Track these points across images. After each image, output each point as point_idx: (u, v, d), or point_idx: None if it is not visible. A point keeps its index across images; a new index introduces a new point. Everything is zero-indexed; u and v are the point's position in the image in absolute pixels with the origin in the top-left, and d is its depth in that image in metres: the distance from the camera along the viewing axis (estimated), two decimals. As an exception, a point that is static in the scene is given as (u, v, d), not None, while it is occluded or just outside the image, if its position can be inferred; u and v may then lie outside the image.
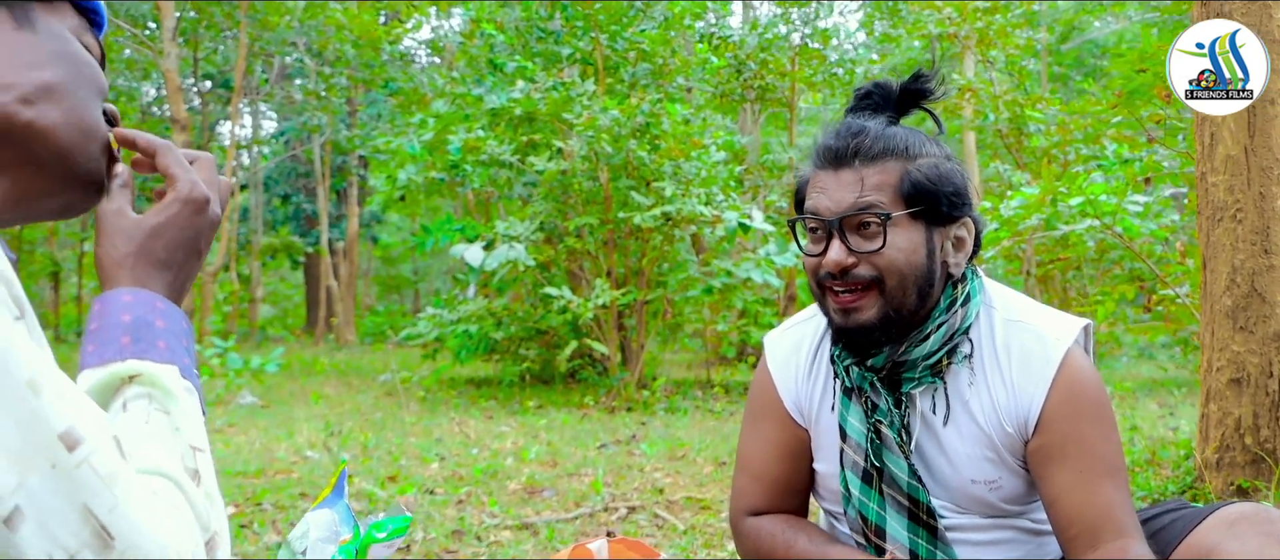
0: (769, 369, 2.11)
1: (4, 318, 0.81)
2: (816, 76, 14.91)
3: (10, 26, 1.04)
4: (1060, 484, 1.83)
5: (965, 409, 1.90)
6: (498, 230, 10.18)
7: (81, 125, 1.06)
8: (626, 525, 4.86)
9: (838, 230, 1.82)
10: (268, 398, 10.59)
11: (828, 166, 1.86)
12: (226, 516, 0.88)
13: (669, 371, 13.04)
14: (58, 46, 1.06)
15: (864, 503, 1.96)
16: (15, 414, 0.79)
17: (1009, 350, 1.89)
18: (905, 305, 1.84)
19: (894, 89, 1.96)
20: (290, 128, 24.27)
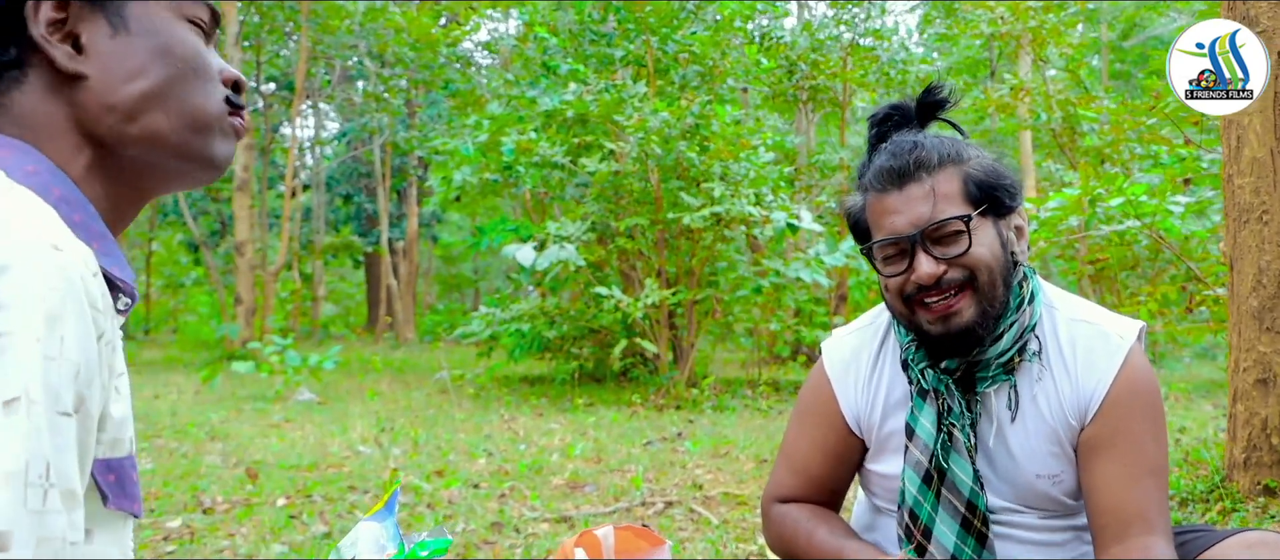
0: (827, 374, 2.15)
1: (40, 406, 0.82)
2: (868, 76, 14.90)
3: (107, 33, 1.06)
4: (1101, 474, 1.88)
5: (1033, 404, 1.95)
6: (549, 231, 10.33)
7: (189, 120, 1.10)
8: (662, 519, 4.97)
9: (921, 243, 1.87)
10: (325, 394, 10.82)
11: (891, 187, 1.90)
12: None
13: (721, 370, 13.13)
14: (154, 43, 1.09)
15: (918, 502, 2.00)
16: None
17: (1074, 345, 1.95)
18: (996, 299, 1.90)
19: (912, 106, 2.02)
20: (351, 128, 24.62)
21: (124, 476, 0.98)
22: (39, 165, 1.00)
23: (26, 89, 1.03)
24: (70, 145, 1.04)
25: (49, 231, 0.88)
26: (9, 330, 0.81)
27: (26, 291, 0.83)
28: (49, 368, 0.82)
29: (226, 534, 4.72)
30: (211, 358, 15.64)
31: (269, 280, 17.46)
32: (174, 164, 1.10)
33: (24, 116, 1.03)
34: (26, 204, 0.91)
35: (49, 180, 0.99)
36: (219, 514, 5.16)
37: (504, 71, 15.78)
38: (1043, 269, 17.43)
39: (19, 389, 0.80)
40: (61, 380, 0.83)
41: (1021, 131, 15.02)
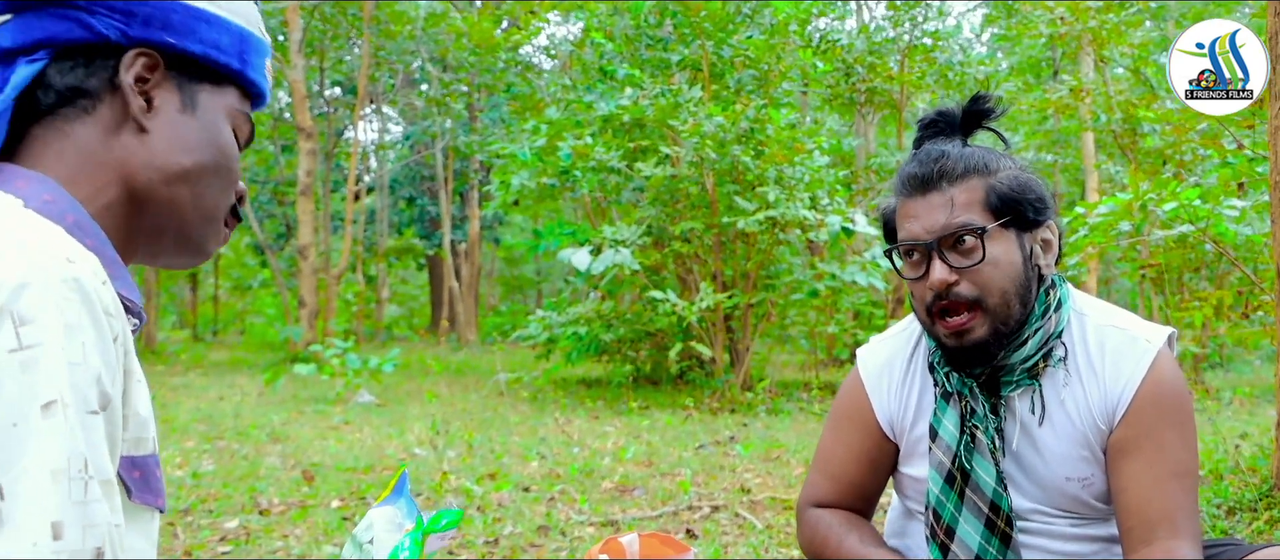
0: (862, 381, 2.18)
1: (73, 407, 0.90)
2: (926, 79, 14.83)
3: (176, 106, 1.18)
4: (1129, 476, 1.90)
5: (1061, 408, 1.97)
6: (605, 235, 10.40)
7: (205, 209, 1.22)
8: (707, 523, 5.01)
9: (936, 250, 1.91)
10: (384, 397, 10.97)
11: (915, 193, 1.94)
12: None
13: (778, 373, 13.13)
14: (209, 135, 1.20)
15: (941, 502, 2.04)
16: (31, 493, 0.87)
17: (1103, 350, 1.97)
18: (1011, 316, 1.93)
19: (957, 114, 2.04)
20: (414, 132, 24.87)
21: (148, 472, 1.06)
22: (55, 194, 1.08)
23: (90, 123, 1.14)
24: (103, 182, 1.13)
25: (62, 247, 0.97)
26: (37, 342, 0.89)
27: (47, 304, 0.91)
28: (74, 372, 0.91)
29: (281, 535, 4.83)
30: (275, 360, 15.89)
31: (332, 283, 17.70)
32: (174, 238, 1.21)
33: (73, 148, 1.13)
34: (39, 226, 1.00)
35: (65, 208, 1.08)
36: (275, 515, 5.28)
37: (562, 76, 15.89)
38: (1104, 272, 17.26)
39: (54, 393, 0.89)
40: (86, 383, 0.92)
41: (1084, 133, 14.86)
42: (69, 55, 1.13)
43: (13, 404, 0.88)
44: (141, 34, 1.14)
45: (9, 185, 1.07)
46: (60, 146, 1.13)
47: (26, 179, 1.09)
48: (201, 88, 1.20)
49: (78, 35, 1.12)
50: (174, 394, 11.04)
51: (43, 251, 0.94)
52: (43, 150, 1.13)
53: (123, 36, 1.13)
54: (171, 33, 1.16)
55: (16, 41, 1.13)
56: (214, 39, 1.19)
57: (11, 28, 1.13)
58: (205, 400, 10.69)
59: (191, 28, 1.17)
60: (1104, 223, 6.01)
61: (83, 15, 1.12)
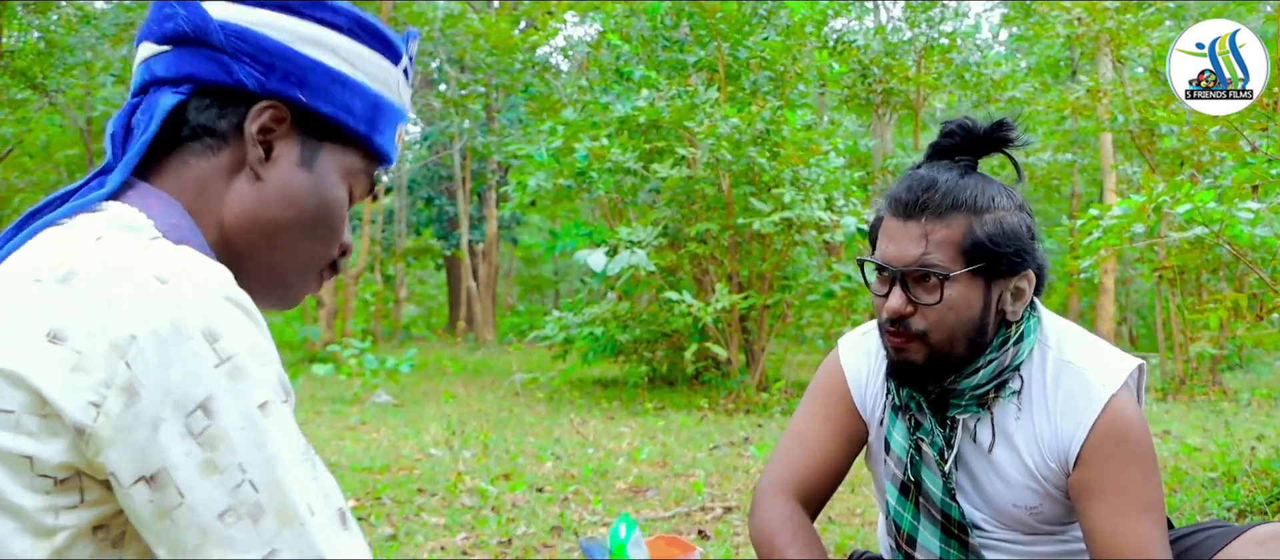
0: (841, 364, 2.23)
1: (277, 402, 1.02)
2: (943, 79, 14.81)
3: (295, 161, 1.23)
4: (1097, 518, 1.92)
5: (1009, 441, 2.00)
6: (620, 236, 10.43)
7: (299, 265, 1.27)
8: (719, 524, 5.04)
9: (900, 280, 1.93)
10: (401, 397, 11.02)
11: (897, 216, 1.94)
12: None
13: (794, 374, 13.13)
14: (318, 192, 1.25)
15: (899, 513, 2.09)
16: (282, 482, 0.99)
17: (1057, 389, 1.98)
18: (953, 354, 1.96)
19: (978, 132, 2.01)
20: (432, 133, 24.93)
21: None
22: (181, 221, 1.16)
23: (212, 161, 1.21)
24: (211, 221, 1.21)
25: (212, 266, 1.05)
26: (231, 353, 0.99)
27: (227, 317, 1.00)
28: (267, 371, 1.02)
29: (297, 535, 4.87)
30: (294, 359, 15.98)
31: (350, 283, 17.78)
32: (262, 287, 1.27)
33: (193, 180, 1.20)
34: (174, 249, 1.07)
35: (187, 236, 1.15)
36: (291, 515, 5.32)
37: (578, 77, 15.92)
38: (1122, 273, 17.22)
39: (263, 395, 1.00)
40: (276, 379, 1.03)
41: (1102, 133, 14.83)
42: (208, 94, 1.20)
43: (237, 410, 0.98)
44: (277, 87, 1.20)
45: (143, 204, 1.15)
46: (184, 177, 1.20)
47: (160, 200, 1.16)
48: (325, 146, 1.26)
49: (219, 77, 1.18)
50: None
51: (201, 269, 1.03)
52: (169, 178, 1.20)
53: (259, 86, 1.19)
54: (305, 90, 1.21)
55: (167, 73, 1.19)
56: (346, 101, 1.24)
57: (165, 59, 1.20)
58: (223, 400, 10.74)
59: (326, 88, 1.22)
60: (1118, 225, 6.00)
61: (227, 59, 1.18)
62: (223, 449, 0.96)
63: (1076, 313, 20.08)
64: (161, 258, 1.03)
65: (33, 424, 0.96)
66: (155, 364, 0.96)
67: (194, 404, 0.96)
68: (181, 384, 0.96)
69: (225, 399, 0.97)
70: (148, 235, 1.11)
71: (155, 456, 0.96)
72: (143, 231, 1.11)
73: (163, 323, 0.97)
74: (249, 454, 0.97)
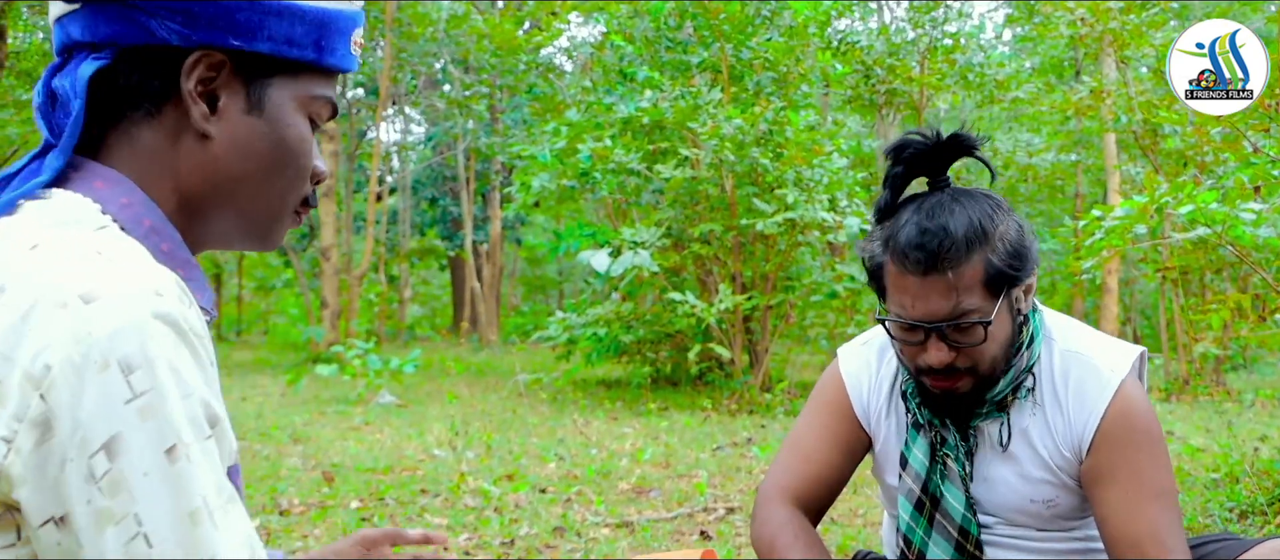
0: (841, 375, 2.21)
1: (193, 441, 0.93)
2: (946, 80, 14.81)
3: (242, 108, 1.13)
4: (1109, 504, 1.93)
5: (1025, 436, 2.02)
6: (624, 237, 10.45)
7: (271, 208, 1.19)
8: (722, 526, 5.05)
9: (937, 332, 1.89)
10: (405, 397, 11.04)
11: (912, 272, 1.87)
12: None
13: (798, 374, 13.14)
14: (275, 135, 1.16)
15: (912, 528, 2.10)
16: (178, 538, 0.91)
17: (1067, 380, 2.00)
18: (996, 374, 1.97)
19: (933, 143, 1.96)
20: (436, 133, 24.97)
21: (233, 482, 1.07)
22: (132, 198, 1.08)
23: (155, 127, 1.11)
24: (166, 188, 1.12)
25: (146, 277, 0.97)
26: (146, 388, 0.91)
27: (149, 346, 0.92)
28: (186, 406, 0.93)
29: (301, 536, 4.89)
30: (298, 360, 16.00)
31: (354, 284, 17.80)
32: (238, 236, 1.21)
33: (141, 152, 1.11)
34: (121, 253, 1.00)
35: (141, 212, 1.08)
36: (295, 516, 5.35)
37: (582, 78, 15.94)
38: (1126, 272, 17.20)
39: (173, 438, 0.91)
40: (196, 412, 0.94)
41: (1106, 133, 14.81)
42: (134, 56, 1.09)
43: (141, 454, 0.90)
44: (204, 37, 1.09)
45: (87, 186, 1.07)
46: (129, 150, 1.11)
47: (105, 180, 1.08)
48: (273, 81, 1.15)
49: (140, 38, 1.08)
50: (197, 394, 11.12)
51: (132, 288, 0.94)
52: (114, 152, 1.11)
53: (185, 41, 1.08)
54: (236, 33, 1.10)
55: (84, 36, 1.09)
56: (285, 33, 1.13)
57: (79, 20, 1.10)
58: (229, 400, 10.77)
59: (259, 24, 1.11)
60: (1120, 226, 6.00)
61: (142, 15, 1.07)
62: (122, 497, 0.89)
63: (1081, 313, 20.06)
64: (94, 269, 0.95)
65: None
66: (67, 397, 0.89)
67: (98, 444, 0.89)
68: (89, 421, 0.89)
69: (132, 439, 0.90)
70: (94, 224, 1.04)
71: (63, 498, 0.90)
72: (87, 222, 1.04)
73: (78, 351, 0.90)
74: (147, 506, 0.90)
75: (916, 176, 1.99)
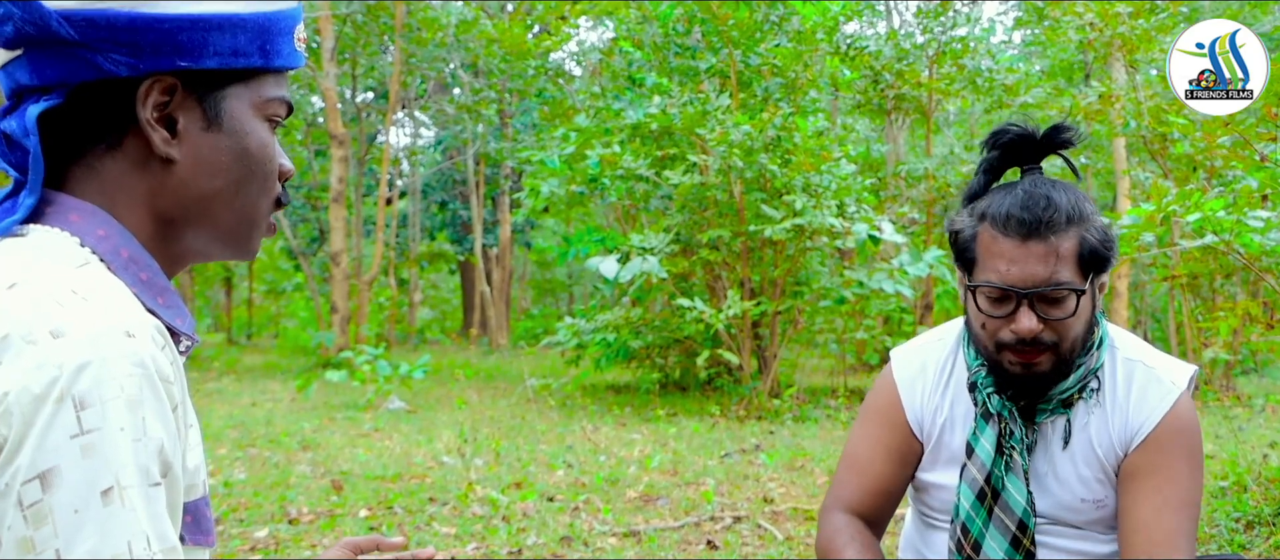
0: (894, 381, 2.24)
1: (135, 486, 0.92)
2: (954, 85, 14.81)
3: (200, 125, 1.14)
4: (1137, 502, 1.99)
5: (1084, 434, 2.06)
6: (633, 243, 10.47)
7: (245, 217, 1.20)
8: (729, 534, 5.07)
9: (1029, 301, 1.93)
10: (415, 403, 11.06)
11: (1014, 236, 1.92)
12: None
13: (808, 378, 13.16)
14: (238, 144, 1.17)
15: (971, 518, 2.11)
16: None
17: (1129, 384, 2.06)
18: (1074, 356, 2.00)
19: (1036, 135, 2.02)
20: (446, 138, 25.00)
21: (199, 515, 1.09)
22: (108, 228, 1.09)
23: (119, 159, 1.12)
24: (140, 216, 1.13)
25: (121, 317, 0.98)
26: (96, 426, 0.91)
27: (108, 385, 0.93)
28: (137, 449, 0.93)
29: (309, 545, 4.92)
30: (308, 365, 16.03)
31: (364, 289, 17.83)
32: (217, 248, 1.22)
33: (108, 184, 1.12)
34: (96, 288, 1.01)
35: (118, 242, 1.09)
36: (304, 524, 5.37)
37: (591, 84, 15.96)
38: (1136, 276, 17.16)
39: (112, 479, 0.90)
40: (149, 457, 0.94)
41: (1116, 138, 14.79)
42: (85, 92, 1.10)
43: (74, 490, 0.89)
44: (152, 64, 1.10)
45: (63, 220, 1.09)
46: (97, 183, 1.12)
47: (80, 213, 1.09)
48: (226, 93, 1.16)
49: (88, 75, 1.09)
50: (208, 400, 11.18)
51: (104, 326, 0.96)
52: (83, 186, 1.12)
53: (132, 70, 1.09)
54: (183, 54, 1.11)
55: (32, 81, 1.10)
56: (230, 45, 1.14)
57: (24, 65, 1.10)
58: (238, 406, 10.82)
59: (204, 42, 1.12)
60: (1127, 234, 6.01)
61: (86, 52, 1.08)
62: (45, 530, 0.89)
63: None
64: (68, 307, 0.97)
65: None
66: (19, 425, 0.90)
67: (35, 473, 0.89)
68: (33, 450, 0.90)
69: (69, 474, 0.90)
70: (75, 261, 1.05)
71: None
72: (68, 259, 1.05)
73: (39, 382, 0.91)
74: (69, 542, 0.89)
75: (1011, 165, 2.06)
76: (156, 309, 1.09)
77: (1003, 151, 2.03)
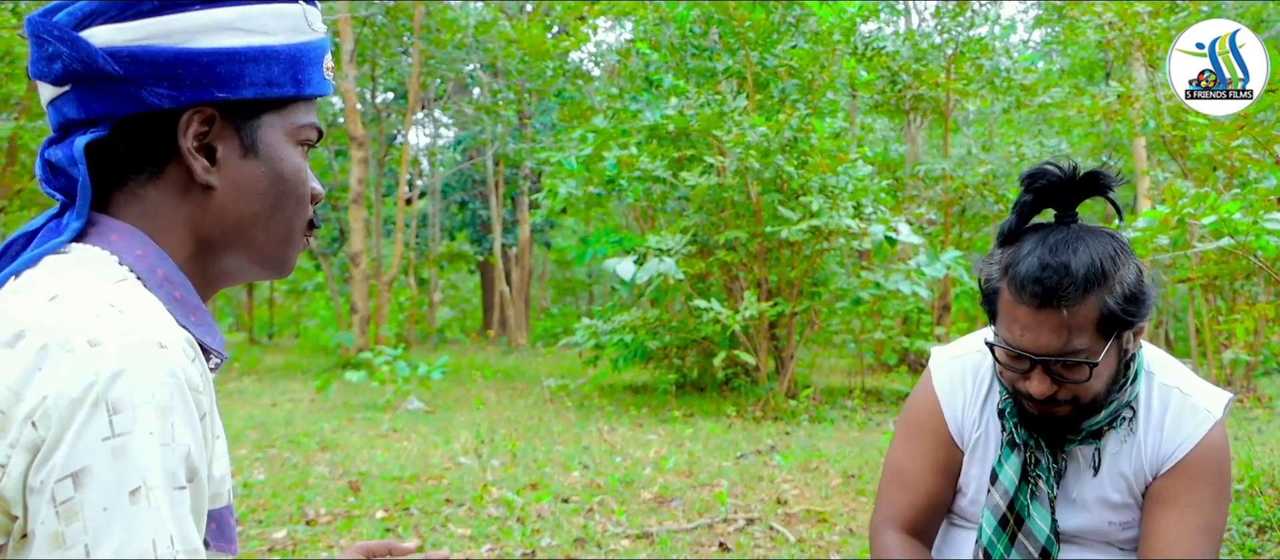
0: (934, 389, 2.24)
1: (161, 488, 0.97)
2: (972, 86, 14.79)
3: (238, 153, 1.21)
4: (1162, 523, 2.01)
5: (1114, 461, 2.07)
6: (649, 244, 10.50)
7: (280, 238, 1.27)
8: (741, 537, 5.10)
9: (1043, 365, 1.91)
10: (433, 403, 11.11)
11: (1027, 303, 1.89)
12: None
13: (826, 379, 13.17)
14: (273, 170, 1.24)
15: (993, 543, 2.13)
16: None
17: (1165, 410, 2.06)
18: (1098, 407, 2.00)
19: (1071, 176, 1.97)
20: (465, 137, 25.09)
21: (223, 523, 1.15)
22: (146, 248, 1.16)
23: (160, 186, 1.19)
24: (180, 239, 1.20)
25: (154, 329, 1.04)
26: (125, 430, 0.96)
27: (140, 392, 0.98)
28: (165, 454, 0.98)
29: (326, 546, 4.97)
30: (328, 365, 16.12)
31: (383, 289, 17.91)
32: (254, 269, 1.29)
33: (150, 209, 1.19)
34: (131, 302, 1.08)
35: (155, 262, 1.16)
36: (321, 525, 5.43)
37: (609, 85, 16.00)
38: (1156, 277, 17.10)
39: (140, 480, 0.96)
40: (175, 462, 0.99)
41: (1136, 138, 14.74)
42: (130, 124, 1.17)
43: (104, 490, 0.94)
44: (192, 96, 1.16)
45: (104, 240, 1.15)
46: (140, 208, 1.19)
47: (120, 233, 1.16)
48: (261, 122, 1.23)
49: (133, 108, 1.15)
50: (228, 401, 11.26)
51: (137, 337, 1.02)
52: (125, 211, 1.19)
53: (174, 102, 1.16)
54: (221, 86, 1.18)
55: (79, 114, 1.16)
56: (264, 75, 1.21)
57: (72, 100, 1.17)
58: (258, 407, 10.89)
59: (240, 74, 1.19)
60: (1141, 237, 6.00)
61: (131, 87, 1.14)
62: (75, 526, 0.94)
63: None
64: (105, 318, 1.03)
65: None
66: (56, 427, 0.96)
67: (68, 472, 0.95)
68: (67, 450, 0.95)
69: (100, 474, 0.95)
70: (113, 277, 1.11)
71: (30, 517, 0.97)
72: (106, 275, 1.11)
73: (75, 387, 0.97)
74: (98, 539, 0.94)
75: (1045, 207, 2.02)
76: (189, 325, 1.14)
77: (1037, 195, 1.99)
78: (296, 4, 1.26)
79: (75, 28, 1.14)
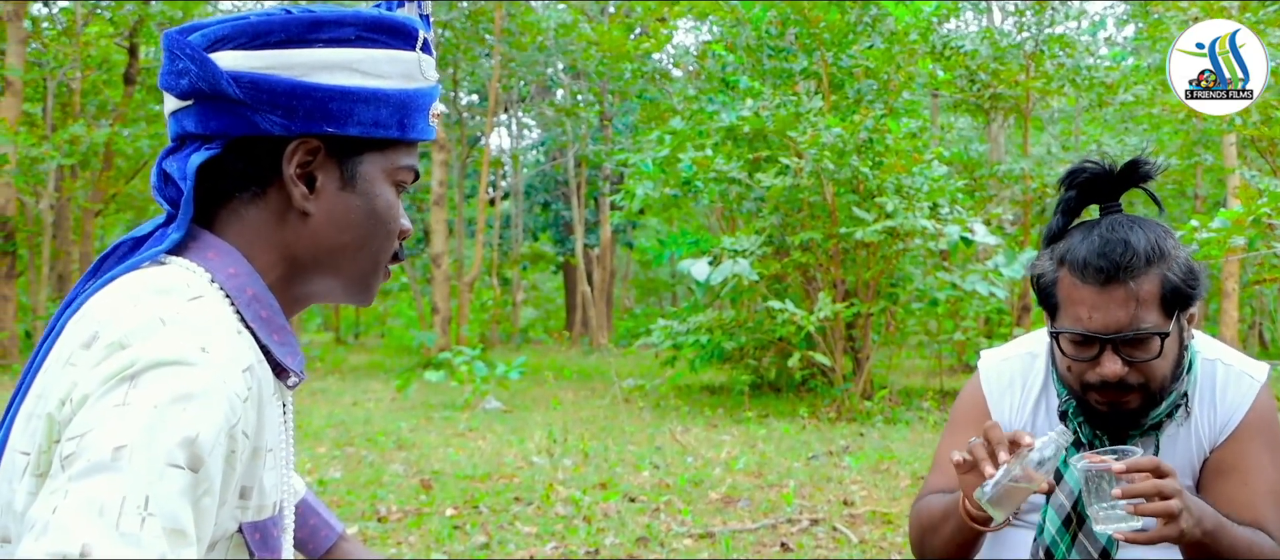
0: (983, 390, 2.25)
1: (147, 459, 0.98)
2: (1053, 83, 14.60)
3: (337, 185, 1.28)
4: (1224, 492, 2.01)
5: (1172, 449, 2.08)
6: (724, 245, 10.54)
7: (367, 268, 1.34)
8: (804, 537, 5.13)
9: (1112, 345, 1.91)
10: (511, 403, 11.25)
11: (1091, 282, 1.90)
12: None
13: (905, 379, 13.11)
14: (368, 206, 1.30)
15: (1055, 542, 2.14)
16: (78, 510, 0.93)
17: (1212, 383, 2.08)
18: (1165, 392, 2.01)
19: (1112, 171, 2.01)
20: (547, 139, 25.31)
21: (267, 534, 1.22)
22: (239, 268, 1.24)
23: (261, 207, 1.26)
24: (272, 260, 1.28)
25: (199, 337, 1.09)
26: (133, 401, 1.00)
27: (166, 380, 1.03)
28: (160, 424, 0.99)
29: (396, 543, 5.09)
30: (409, 365, 16.36)
31: (464, 290, 18.13)
32: (338, 293, 1.37)
33: (248, 228, 1.26)
34: (200, 318, 1.13)
35: (245, 282, 1.24)
36: (392, 522, 5.55)
37: (687, 86, 16.05)
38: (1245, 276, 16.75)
39: (125, 440, 0.97)
40: (172, 438, 0.99)
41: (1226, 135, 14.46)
42: (241, 144, 1.24)
43: (96, 445, 0.97)
44: (303, 127, 1.23)
45: (201, 256, 1.22)
46: (239, 225, 1.26)
47: (217, 251, 1.24)
48: (362, 159, 1.29)
49: (246, 130, 1.23)
50: (311, 399, 11.50)
51: (180, 338, 1.08)
52: (226, 227, 1.26)
53: (286, 130, 1.23)
54: (330, 121, 1.24)
55: (197, 129, 1.24)
56: (372, 117, 1.26)
57: (192, 114, 1.24)
58: (339, 406, 11.11)
59: (350, 112, 1.24)
60: (1216, 237, 5.93)
61: (248, 112, 1.22)
62: (62, 476, 0.96)
63: (1200, 319, 19.52)
64: (169, 327, 1.09)
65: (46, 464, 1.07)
66: (79, 400, 1.04)
67: (77, 433, 0.99)
68: (84, 414, 1.01)
69: (98, 431, 0.98)
70: (189, 294, 1.16)
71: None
72: (184, 291, 1.16)
73: (110, 368, 1.04)
74: (76, 485, 0.95)
75: (1089, 203, 2.05)
76: (271, 345, 1.23)
77: (1080, 190, 2.02)
78: (414, 52, 1.32)
79: (206, 49, 1.22)
